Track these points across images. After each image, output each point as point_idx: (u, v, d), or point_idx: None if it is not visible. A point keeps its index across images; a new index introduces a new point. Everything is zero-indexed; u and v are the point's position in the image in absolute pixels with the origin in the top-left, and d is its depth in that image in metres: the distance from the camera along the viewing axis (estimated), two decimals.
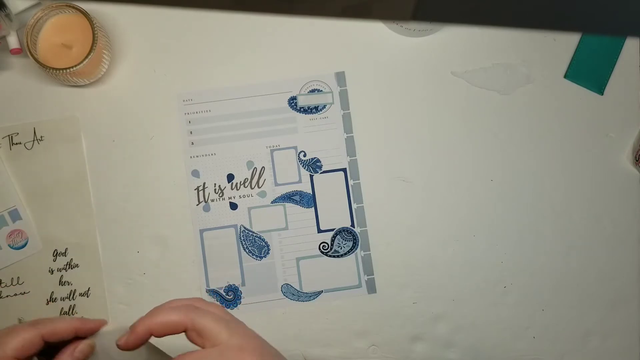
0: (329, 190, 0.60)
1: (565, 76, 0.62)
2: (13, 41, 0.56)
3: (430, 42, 0.62)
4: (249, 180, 0.60)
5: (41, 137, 0.59)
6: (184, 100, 0.60)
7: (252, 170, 0.60)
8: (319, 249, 0.60)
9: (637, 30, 0.25)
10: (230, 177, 0.60)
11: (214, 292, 0.59)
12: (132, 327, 0.39)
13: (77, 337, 0.41)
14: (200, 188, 0.59)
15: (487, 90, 0.62)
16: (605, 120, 0.62)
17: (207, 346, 0.38)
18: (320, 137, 0.60)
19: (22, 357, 0.40)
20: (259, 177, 0.60)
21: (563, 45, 0.63)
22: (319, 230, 0.60)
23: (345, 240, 0.60)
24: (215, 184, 0.59)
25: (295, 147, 0.60)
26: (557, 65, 0.62)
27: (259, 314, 0.58)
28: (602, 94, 0.62)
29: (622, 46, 0.63)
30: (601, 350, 0.60)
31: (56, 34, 0.55)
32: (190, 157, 0.59)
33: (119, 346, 0.39)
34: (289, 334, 0.59)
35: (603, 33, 0.25)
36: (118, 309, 0.58)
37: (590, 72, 0.62)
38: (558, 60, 0.62)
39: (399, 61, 0.61)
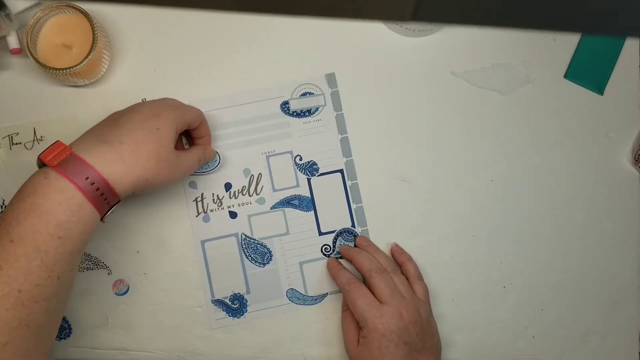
0: (328, 193, 0.60)
1: (565, 76, 0.62)
2: (13, 41, 0.56)
3: (430, 42, 0.62)
4: (246, 188, 0.59)
5: (41, 137, 0.59)
6: None
7: (249, 177, 0.60)
8: (321, 251, 0.59)
9: (637, 30, 0.25)
10: (227, 186, 0.59)
11: (219, 302, 0.58)
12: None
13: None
14: (199, 199, 0.59)
15: (487, 90, 0.62)
16: (605, 120, 0.62)
17: None
18: (315, 139, 0.60)
19: (191, 127, 0.54)
20: (257, 184, 0.60)
21: (563, 45, 0.63)
22: (320, 233, 0.60)
23: (347, 241, 0.60)
24: (213, 194, 0.59)
25: (290, 152, 0.60)
26: (557, 65, 0.62)
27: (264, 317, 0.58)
28: (602, 94, 0.62)
29: (622, 46, 0.63)
30: (600, 349, 0.60)
31: (56, 34, 0.55)
32: None
33: None
34: (289, 333, 0.59)
35: (603, 33, 0.25)
36: (118, 309, 0.58)
37: (590, 72, 0.62)
38: (558, 60, 0.63)
39: (398, 61, 0.61)
